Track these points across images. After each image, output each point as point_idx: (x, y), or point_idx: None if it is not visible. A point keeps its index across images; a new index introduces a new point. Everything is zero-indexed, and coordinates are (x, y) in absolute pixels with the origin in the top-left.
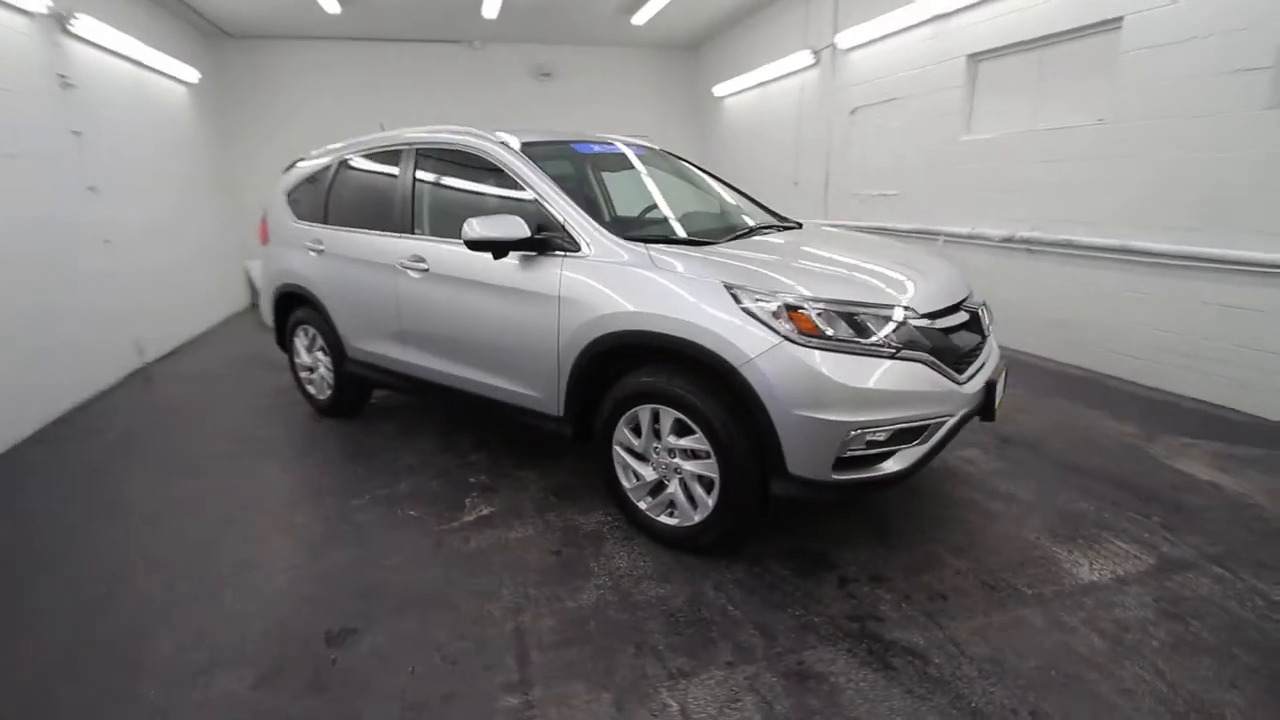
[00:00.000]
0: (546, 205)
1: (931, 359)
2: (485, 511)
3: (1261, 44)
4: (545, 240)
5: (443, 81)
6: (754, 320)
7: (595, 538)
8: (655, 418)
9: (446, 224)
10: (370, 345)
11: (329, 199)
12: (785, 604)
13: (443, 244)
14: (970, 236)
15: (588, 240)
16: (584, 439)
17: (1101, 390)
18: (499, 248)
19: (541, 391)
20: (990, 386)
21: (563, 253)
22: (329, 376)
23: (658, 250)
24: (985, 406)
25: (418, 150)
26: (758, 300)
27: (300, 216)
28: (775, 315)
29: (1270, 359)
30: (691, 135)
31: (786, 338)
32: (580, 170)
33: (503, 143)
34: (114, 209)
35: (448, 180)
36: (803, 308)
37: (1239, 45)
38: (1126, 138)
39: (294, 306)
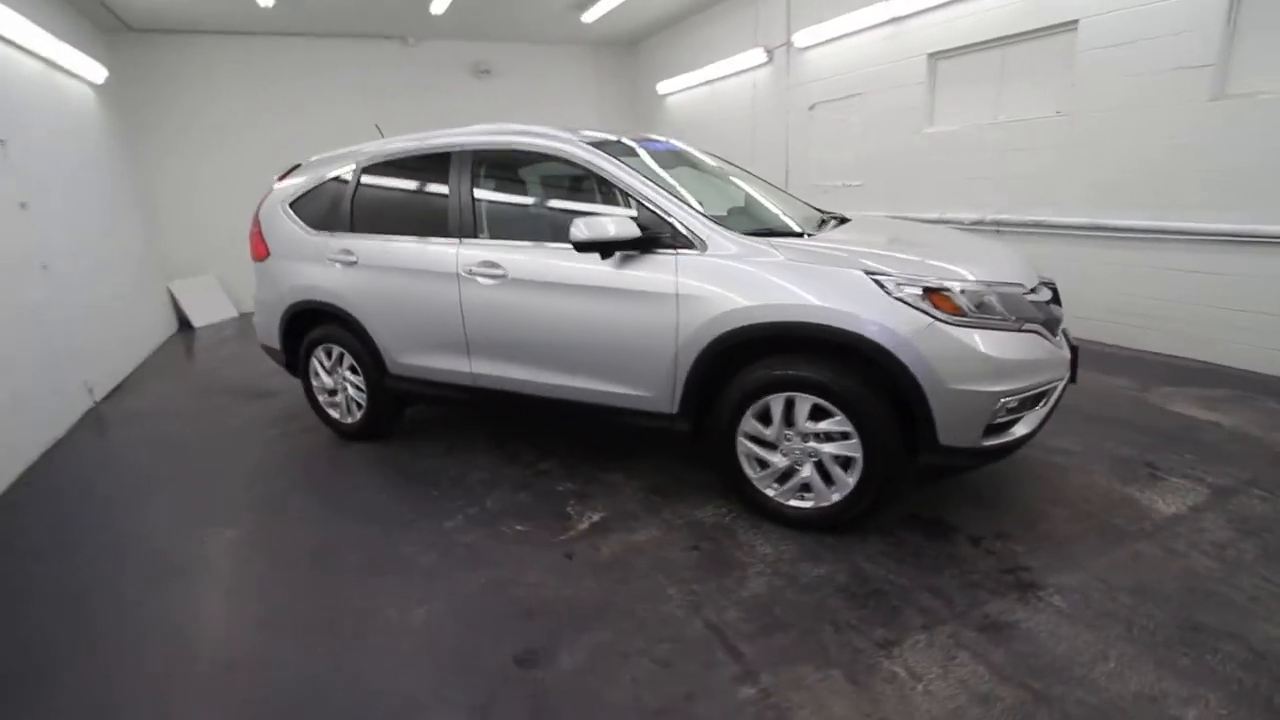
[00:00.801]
0: (651, 203)
1: (1042, 329)
2: (595, 518)
3: (1203, 44)
4: (655, 238)
5: (375, 79)
6: (902, 304)
7: (723, 530)
8: (787, 405)
9: (521, 228)
10: (421, 359)
11: (353, 207)
12: (938, 567)
13: (521, 248)
14: (938, 221)
15: (704, 237)
16: (697, 435)
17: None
18: (608, 248)
19: (653, 390)
20: (1075, 350)
21: (673, 250)
22: (359, 397)
23: (781, 243)
24: (1073, 370)
25: (474, 153)
26: (901, 285)
27: (316, 227)
28: (921, 298)
29: (1214, 313)
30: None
31: (936, 318)
32: (652, 168)
33: (587, 143)
34: (47, 229)
35: (518, 183)
36: (945, 289)
37: (1184, 45)
38: (1085, 127)
39: (311, 325)
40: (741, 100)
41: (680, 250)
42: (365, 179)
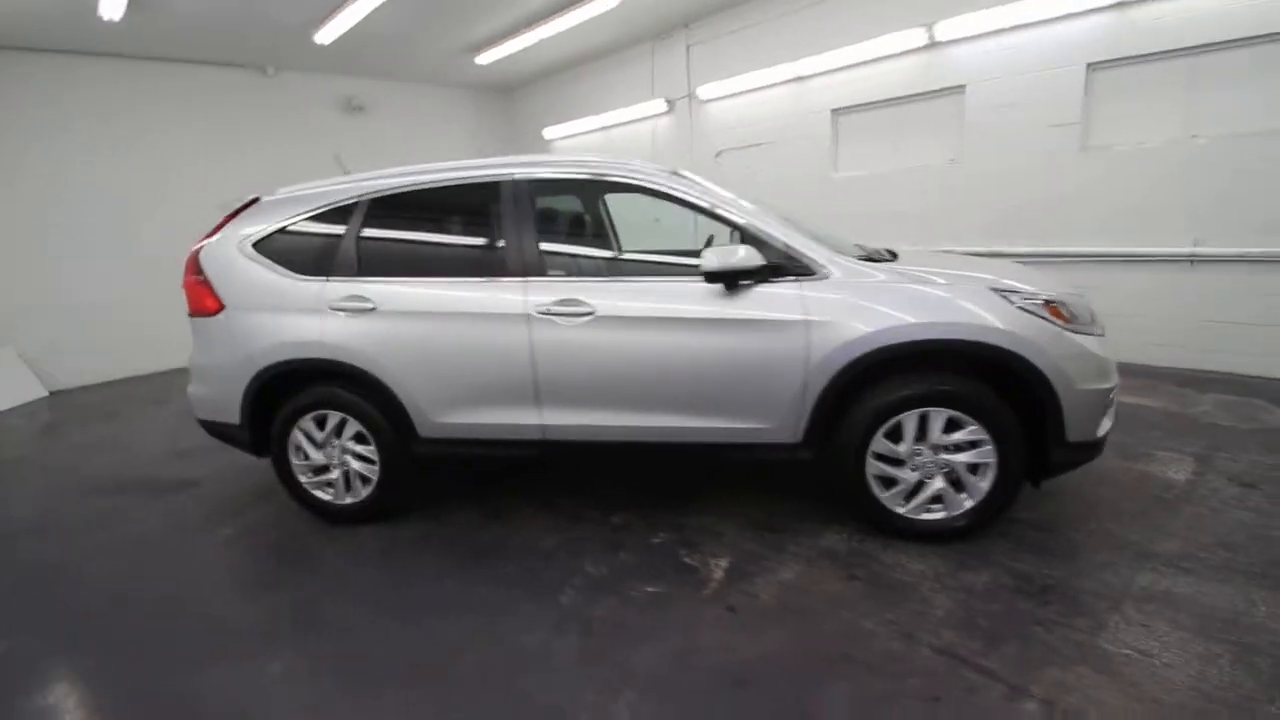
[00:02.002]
0: (764, 232)
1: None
2: (723, 565)
3: (1070, 107)
4: (777, 266)
5: (232, 109)
6: (1030, 315)
7: (861, 554)
8: (920, 421)
9: (598, 263)
10: (469, 414)
11: (360, 247)
12: (1070, 554)
13: (609, 284)
14: None
15: (824, 262)
16: (818, 462)
17: None
18: (735, 278)
19: (775, 421)
20: None
21: (794, 277)
22: (366, 470)
23: (899, 266)
24: None
25: (533, 183)
26: (1027, 299)
27: (304, 271)
28: (1042, 308)
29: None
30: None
31: (1061, 327)
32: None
33: (672, 172)
34: None
35: (589, 217)
36: (1059, 301)
37: (1055, 106)
38: (975, 173)
39: (292, 390)
40: (640, 146)
41: (802, 277)
42: (374, 213)
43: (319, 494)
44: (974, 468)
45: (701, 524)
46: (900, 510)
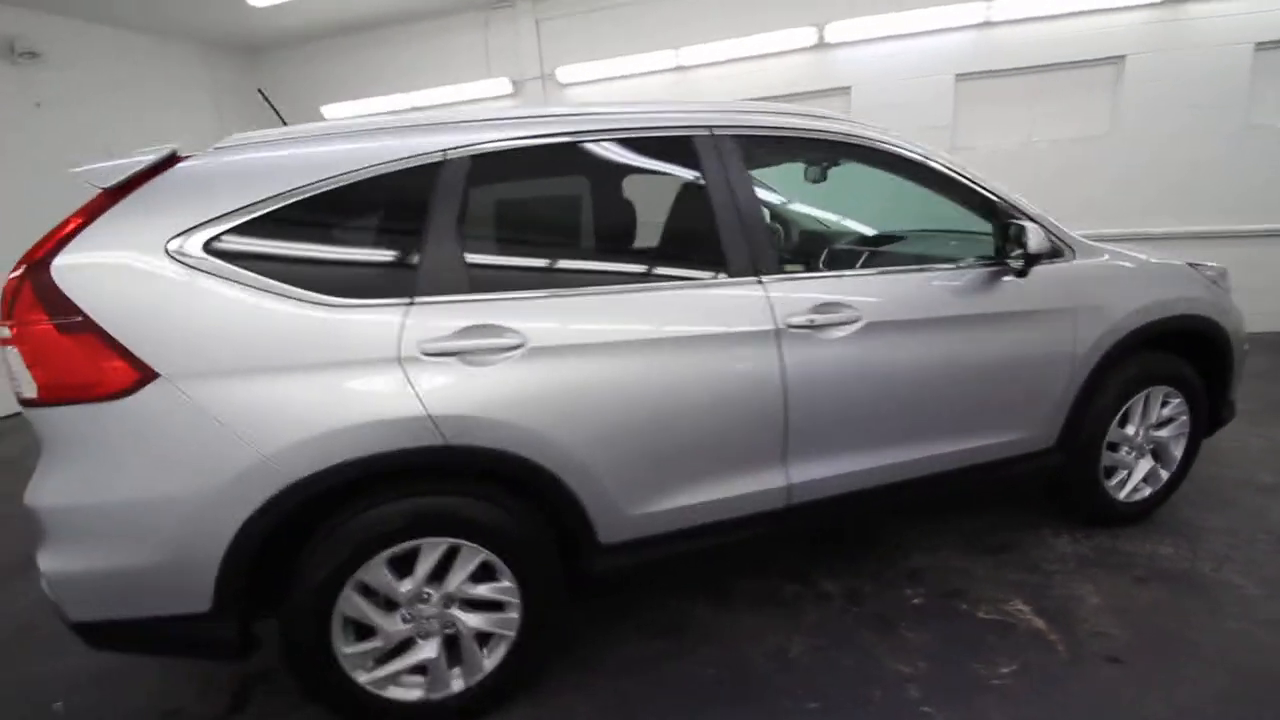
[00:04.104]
0: (1024, 209)
1: None
2: (1027, 608)
3: (942, 111)
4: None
5: None
6: (1217, 288)
7: (1107, 551)
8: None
9: (842, 252)
10: (689, 493)
11: (464, 243)
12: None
13: (875, 278)
14: None
15: (1070, 243)
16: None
17: None
18: (1029, 264)
19: (1035, 427)
20: None
21: (1050, 259)
22: (496, 624)
23: (1108, 245)
24: None
25: (742, 140)
26: (1208, 273)
27: (342, 290)
28: (1223, 279)
29: None
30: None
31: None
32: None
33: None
34: None
35: (818, 186)
36: (1224, 272)
37: (930, 110)
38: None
39: (335, 518)
40: None
41: (1056, 259)
42: (481, 185)
43: (394, 694)
44: (1176, 439)
45: (932, 565)
46: (1120, 497)
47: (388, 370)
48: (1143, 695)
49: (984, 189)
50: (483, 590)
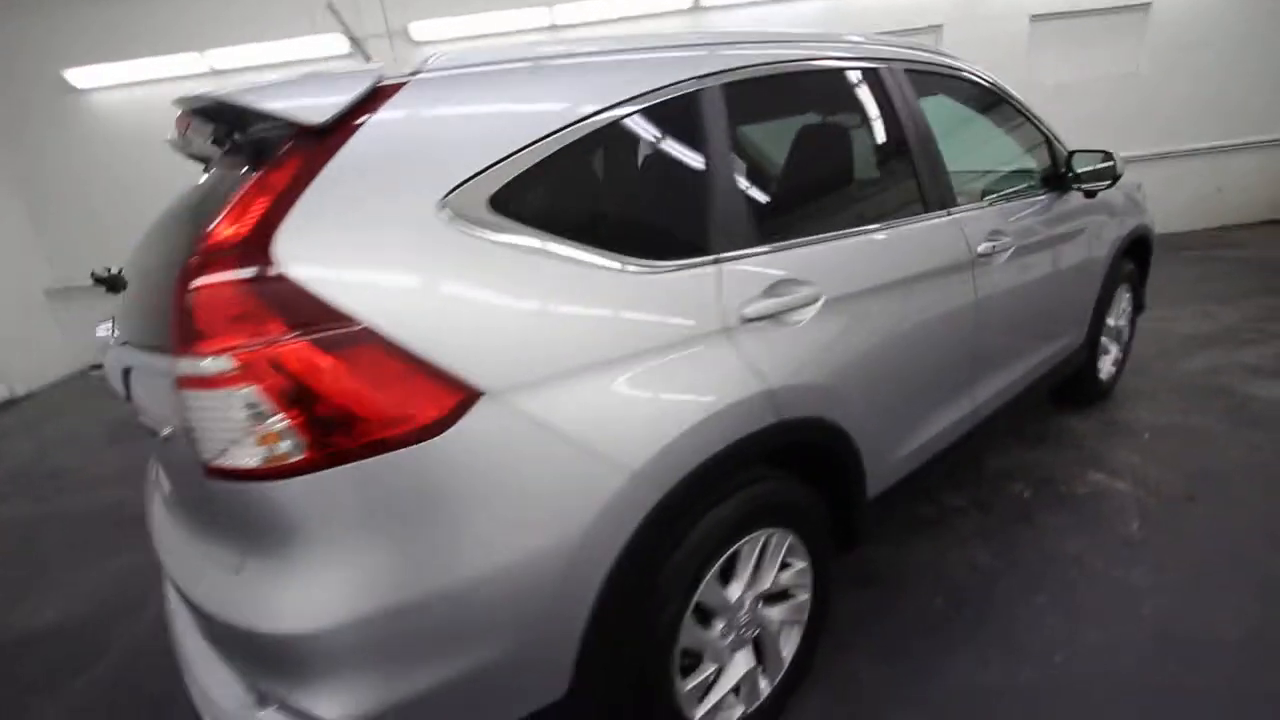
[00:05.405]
0: (1053, 141)
1: None
2: (1159, 480)
3: None
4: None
5: None
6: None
7: (1111, 423)
8: None
9: (970, 177)
10: (923, 431)
11: (744, 184)
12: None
13: (1005, 205)
14: None
15: None
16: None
17: None
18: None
19: (1080, 329)
20: None
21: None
22: (792, 614)
23: None
24: None
25: (910, 75)
26: (1138, 189)
27: (644, 251)
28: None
29: None
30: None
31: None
32: None
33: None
34: None
35: (950, 117)
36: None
37: None
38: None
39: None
40: None
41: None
42: (738, 116)
43: (699, 717)
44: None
45: (1010, 465)
46: (1102, 378)
47: (719, 343)
48: (1224, 518)
49: (1045, 126)
50: (785, 578)
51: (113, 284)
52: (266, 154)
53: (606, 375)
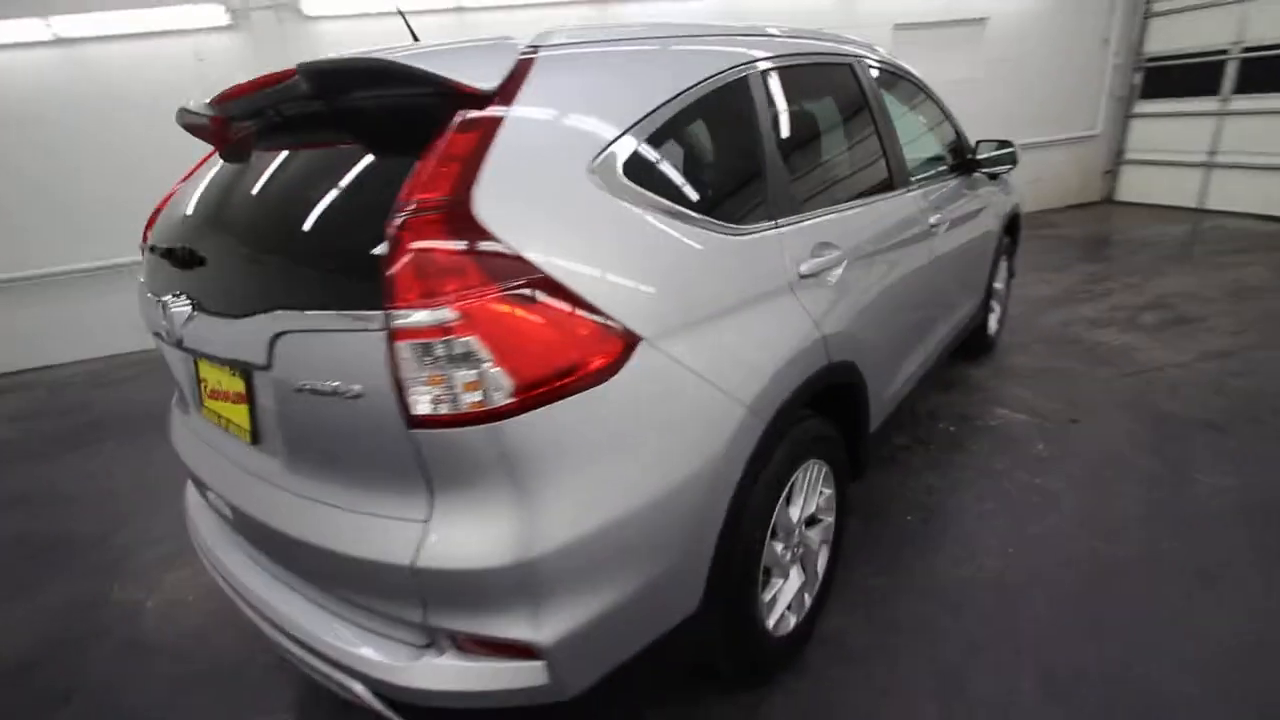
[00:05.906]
0: (955, 125)
1: None
2: (1049, 407)
3: None
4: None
5: None
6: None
7: (1004, 368)
8: None
9: (911, 161)
10: (906, 366)
11: (788, 156)
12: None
13: (939, 184)
14: None
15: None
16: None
17: None
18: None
19: (979, 294)
20: None
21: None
22: (825, 535)
23: None
24: None
25: (876, 69)
26: None
27: (737, 215)
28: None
29: None
30: None
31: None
32: None
33: None
34: None
35: (892, 106)
36: None
37: None
38: None
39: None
40: (171, 76)
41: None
42: (772, 99)
43: (781, 631)
44: (1007, 288)
45: (931, 408)
46: (990, 334)
47: (788, 296)
48: (1100, 433)
49: (955, 120)
50: (820, 503)
51: (176, 258)
52: (369, 123)
53: (722, 323)
